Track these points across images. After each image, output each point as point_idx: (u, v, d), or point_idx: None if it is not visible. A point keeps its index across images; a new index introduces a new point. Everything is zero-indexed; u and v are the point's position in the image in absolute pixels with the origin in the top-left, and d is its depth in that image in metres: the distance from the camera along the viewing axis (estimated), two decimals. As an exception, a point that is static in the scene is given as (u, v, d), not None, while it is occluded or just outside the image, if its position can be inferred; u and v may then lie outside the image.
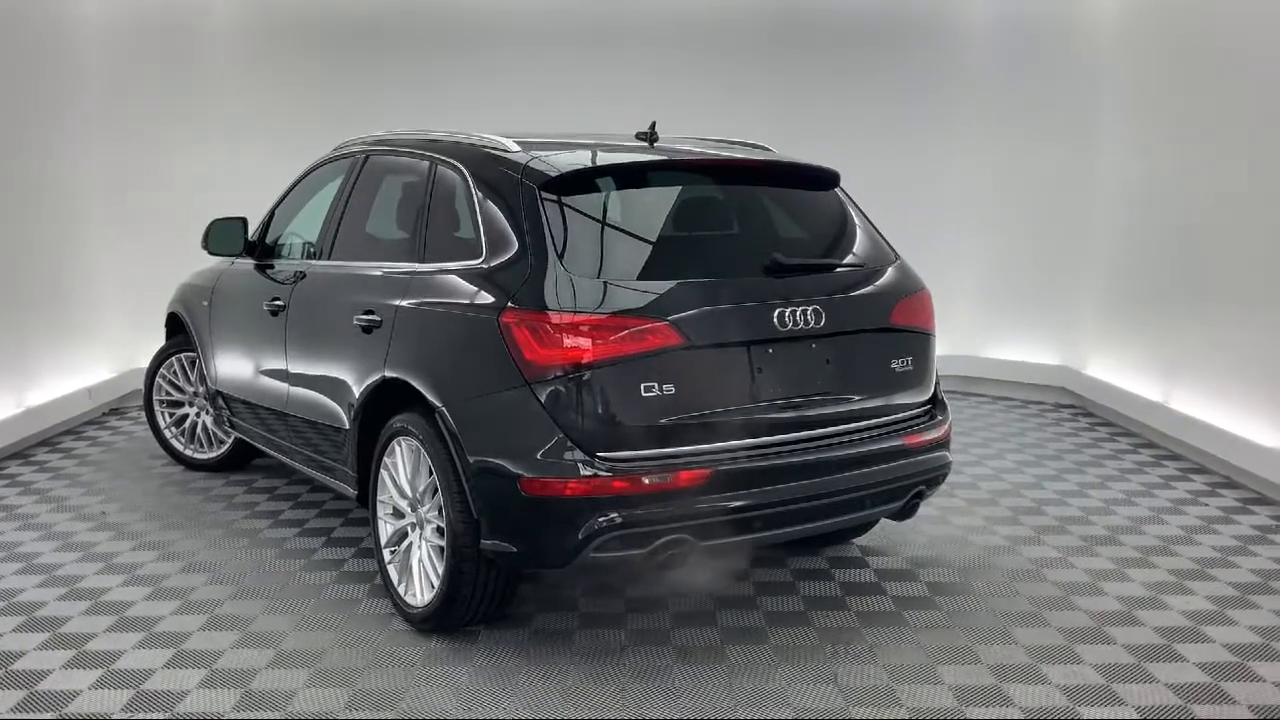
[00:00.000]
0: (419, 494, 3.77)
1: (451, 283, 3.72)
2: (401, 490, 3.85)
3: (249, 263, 5.10)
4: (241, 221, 5.12)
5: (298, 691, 3.34)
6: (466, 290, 3.63)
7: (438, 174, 4.05)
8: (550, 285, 3.37)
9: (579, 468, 3.26)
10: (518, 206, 3.59)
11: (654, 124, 4.15)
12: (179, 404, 5.89)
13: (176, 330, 5.88)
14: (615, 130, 4.46)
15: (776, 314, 3.52)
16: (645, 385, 3.31)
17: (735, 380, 3.47)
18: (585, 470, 3.26)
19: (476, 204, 3.76)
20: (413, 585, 3.78)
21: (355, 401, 4.04)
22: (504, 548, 3.42)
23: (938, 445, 3.94)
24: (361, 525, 4.85)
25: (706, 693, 3.34)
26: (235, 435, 5.52)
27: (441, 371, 3.66)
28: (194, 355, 5.67)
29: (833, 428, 3.65)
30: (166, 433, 5.90)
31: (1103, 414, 7.04)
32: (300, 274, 4.67)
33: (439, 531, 3.65)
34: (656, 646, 3.66)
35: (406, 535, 3.86)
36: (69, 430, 6.72)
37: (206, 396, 5.56)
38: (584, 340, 3.28)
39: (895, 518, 4.03)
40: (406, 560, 3.83)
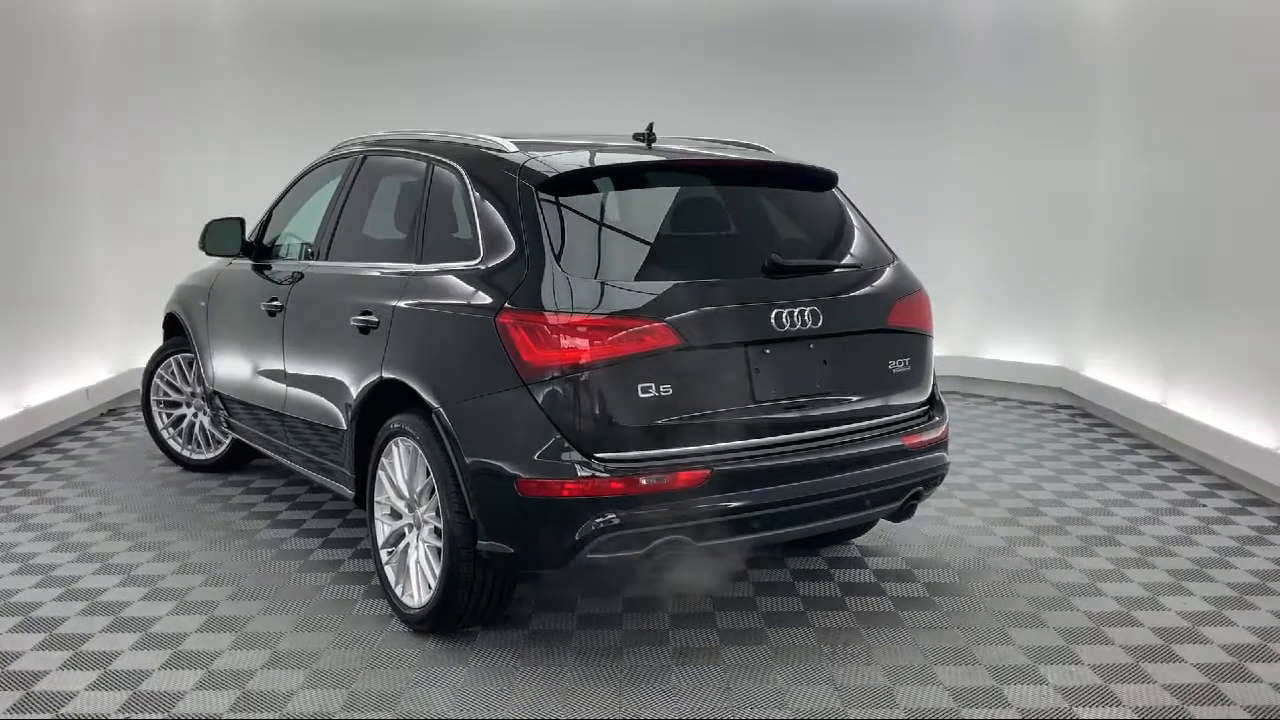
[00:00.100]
0: (416, 495, 3.77)
1: (449, 283, 3.71)
2: (399, 491, 3.85)
3: (246, 263, 5.10)
4: (239, 222, 5.12)
5: (295, 692, 3.34)
6: (464, 291, 3.63)
7: (435, 174, 4.05)
8: (547, 286, 3.36)
9: (576, 469, 3.26)
10: (515, 207, 3.58)
11: (651, 124, 4.14)
12: (176, 404, 5.89)
13: (174, 331, 5.88)
14: (614, 131, 4.46)
15: (774, 315, 3.52)
16: (643, 386, 3.30)
17: (733, 381, 3.46)
18: (582, 471, 3.25)
19: (474, 204, 3.76)
20: (410, 586, 3.78)
21: (353, 402, 4.04)
22: (501, 548, 3.41)
23: (935, 446, 3.93)
24: (359, 526, 4.84)
25: (704, 693, 3.34)
26: (233, 436, 5.52)
27: (439, 372, 3.65)
28: (191, 356, 5.66)
29: (830, 428, 3.65)
30: (164, 433, 5.89)
31: (1101, 415, 7.04)
32: (298, 274, 4.67)
33: (436, 532, 3.64)
34: (654, 647, 3.66)
35: (404, 536, 3.85)
36: (67, 431, 6.72)
37: (204, 397, 5.56)
38: (581, 341, 3.27)
39: (893, 518, 4.03)
40: (404, 561, 3.83)
